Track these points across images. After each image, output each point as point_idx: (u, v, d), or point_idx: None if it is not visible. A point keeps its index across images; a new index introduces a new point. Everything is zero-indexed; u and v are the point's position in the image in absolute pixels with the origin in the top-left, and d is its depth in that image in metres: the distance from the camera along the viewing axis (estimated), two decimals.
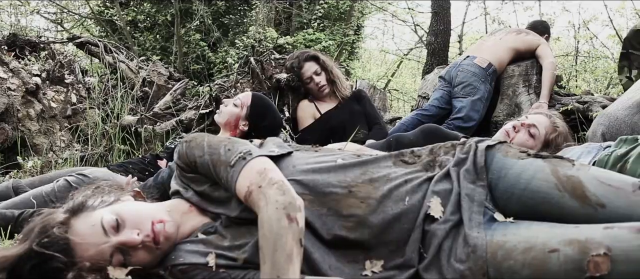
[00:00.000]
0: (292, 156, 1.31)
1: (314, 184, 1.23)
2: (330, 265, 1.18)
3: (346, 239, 1.20)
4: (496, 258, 1.10)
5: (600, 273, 1.00)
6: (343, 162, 1.29)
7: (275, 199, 1.10)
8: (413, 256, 1.17)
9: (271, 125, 2.44)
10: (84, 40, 4.03)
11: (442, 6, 4.32)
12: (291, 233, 1.05)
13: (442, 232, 1.17)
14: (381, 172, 1.27)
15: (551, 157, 1.23)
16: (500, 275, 1.09)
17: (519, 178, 1.21)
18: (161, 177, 1.70)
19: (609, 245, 1.01)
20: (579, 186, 1.15)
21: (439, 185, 1.24)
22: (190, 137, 1.32)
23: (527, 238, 1.10)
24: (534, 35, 3.66)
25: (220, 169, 1.23)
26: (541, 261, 1.05)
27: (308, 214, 1.20)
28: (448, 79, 3.56)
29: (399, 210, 1.21)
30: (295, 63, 2.99)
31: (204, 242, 1.21)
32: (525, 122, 2.07)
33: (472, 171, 1.25)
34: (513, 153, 1.26)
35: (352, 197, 1.22)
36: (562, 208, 1.16)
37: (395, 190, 1.23)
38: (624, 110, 2.18)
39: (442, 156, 1.32)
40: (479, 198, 1.21)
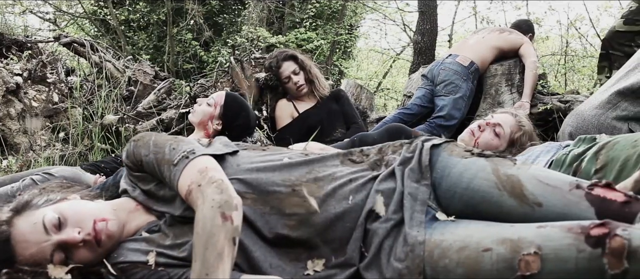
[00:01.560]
0: (238, 155, 1.32)
1: (257, 183, 1.24)
2: (271, 264, 1.19)
3: (288, 238, 1.21)
4: (433, 257, 1.10)
5: (530, 272, 1.00)
6: (289, 161, 1.30)
7: (211, 197, 1.11)
8: (354, 255, 1.18)
9: (244, 124, 2.45)
10: (70, 40, 4.03)
11: (428, 5, 4.32)
12: (224, 231, 1.06)
13: (383, 231, 1.17)
14: (327, 171, 1.28)
15: (494, 157, 1.23)
16: (436, 274, 1.09)
17: (461, 177, 1.22)
18: (120, 176, 1.71)
19: (540, 244, 1.01)
20: (518, 185, 1.16)
21: (383, 184, 1.24)
22: (138, 136, 1.33)
23: (463, 237, 1.10)
24: (517, 34, 3.65)
25: (164, 167, 1.24)
26: (474, 260, 1.06)
27: (250, 213, 1.21)
28: (430, 77, 3.56)
29: (342, 209, 1.21)
30: (274, 62, 3.00)
31: (147, 240, 1.22)
32: (490, 122, 2.07)
33: (417, 170, 1.26)
34: (458, 152, 1.27)
35: (296, 196, 1.23)
36: (501, 207, 1.16)
37: (339, 189, 1.24)
38: (591, 110, 2.18)
39: (390, 155, 1.32)
40: (422, 197, 1.22)
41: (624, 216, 1.05)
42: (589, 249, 0.97)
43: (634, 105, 2.11)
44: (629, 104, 2.11)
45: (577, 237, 0.99)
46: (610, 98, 2.15)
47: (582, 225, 1.01)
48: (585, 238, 0.98)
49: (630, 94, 2.12)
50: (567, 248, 0.99)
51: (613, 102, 2.14)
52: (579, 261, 0.98)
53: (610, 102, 2.15)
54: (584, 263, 0.97)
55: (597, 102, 2.19)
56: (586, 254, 0.97)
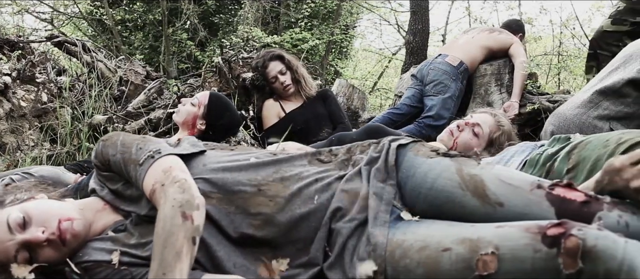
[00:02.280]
0: (205, 155, 1.32)
1: (222, 183, 1.24)
2: (235, 263, 1.19)
3: (253, 238, 1.21)
4: (394, 257, 1.10)
5: (487, 272, 1.01)
6: (256, 161, 1.30)
7: (173, 197, 1.11)
8: (318, 255, 1.18)
9: (228, 124, 2.45)
10: (61, 40, 4.04)
11: (420, 5, 4.32)
12: (183, 230, 1.06)
13: (347, 230, 1.18)
14: (293, 171, 1.28)
15: (458, 157, 1.23)
16: (397, 274, 1.09)
17: (425, 177, 1.22)
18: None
19: (498, 244, 1.02)
20: (481, 185, 1.16)
21: (348, 184, 1.24)
22: (106, 136, 1.33)
23: (424, 236, 1.10)
24: (507, 34, 3.65)
25: (130, 167, 1.24)
26: (434, 260, 1.06)
27: (215, 213, 1.21)
28: (420, 77, 3.56)
29: (307, 209, 1.21)
30: (260, 62, 3.00)
31: (113, 240, 1.23)
32: (469, 122, 2.07)
33: (383, 169, 1.26)
34: (424, 152, 1.27)
35: (261, 196, 1.23)
36: (464, 207, 1.16)
37: (305, 189, 1.24)
38: (573, 110, 2.17)
39: (357, 155, 1.32)
40: (387, 197, 1.22)
41: (583, 216, 1.05)
42: (545, 249, 0.97)
43: (616, 104, 2.11)
44: (610, 104, 2.11)
45: (534, 237, 0.99)
46: (591, 97, 2.15)
47: (539, 225, 1.01)
48: (542, 238, 0.98)
49: (611, 94, 2.12)
50: (523, 247, 0.99)
51: (594, 102, 2.13)
52: (535, 261, 0.98)
53: (591, 101, 2.14)
54: (540, 263, 0.98)
55: (579, 101, 2.19)
56: (542, 254, 0.97)
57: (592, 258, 0.93)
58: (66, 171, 2.19)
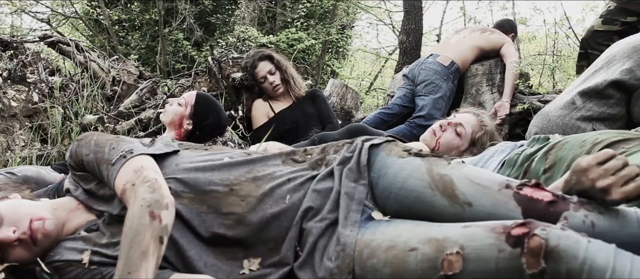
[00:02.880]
0: (178, 155, 1.32)
1: (194, 183, 1.24)
2: (206, 263, 1.19)
3: (225, 237, 1.21)
4: (362, 256, 1.10)
5: (452, 271, 1.01)
6: (230, 160, 1.30)
7: (142, 197, 1.11)
8: (288, 254, 1.18)
9: (215, 124, 2.45)
10: (55, 40, 4.05)
11: (413, 5, 4.32)
12: (151, 230, 1.06)
13: (317, 230, 1.18)
14: (266, 171, 1.28)
15: (430, 156, 1.23)
16: (364, 273, 1.09)
17: (396, 177, 1.22)
18: None
19: (463, 244, 1.02)
20: (450, 184, 1.16)
21: (320, 184, 1.25)
22: (81, 136, 1.34)
23: (391, 236, 1.10)
24: (499, 34, 3.64)
25: (103, 167, 1.25)
26: (401, 259, 1.06)
27: (186, 212, 1.21)
28: (411, 77, 3.56)
29: (279, 209, 1.22)
30: (250, 62, 3.00)
31: (84, 239, 1.23)
32: (452, 121, 2.07)
33: (355, 169, 1.26)
34: (396, 152, 1.27)
35: (233, 196, 1.23)
36: (434, 207, 1.17)
37: (277, 188, 1.24)
38: (556, 110, 2.17)
39: (331, 155, 1.33)
40: (358, 197, 1.22)
41: (549, 215, 1.05)
42: (509, 248, 0.98)
43: (599, 105, 2.11)
44: (593, 105, 2.11)
45: (498, 237, 1.00)
46: (574, 99, 2.15)
47: (504, 225, 1.01)
48: (506, 238, 0.99)
49: (594, 95, 2.12)
50: (488, 247, 1.00)
51: (578, 103, 2.14)
52: (499, 260, 0.98)
53: (574, 102, 2.14)
54: (504, 263, 0.98)
55: (562, 102, 2.19)
56: (506, 253, 0.98)
57: (554, 258, 0.94)
58: (52, 171, 2.20)
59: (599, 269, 0.92)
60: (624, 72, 2.08)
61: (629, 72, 2.07)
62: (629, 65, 2.08)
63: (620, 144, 1.39)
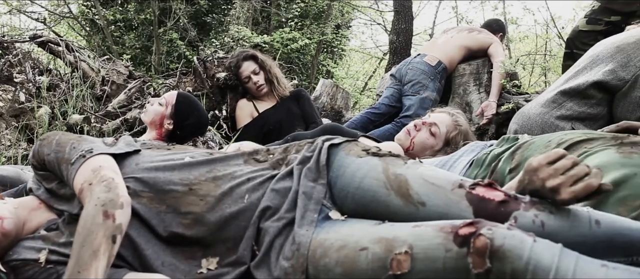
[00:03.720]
0: (140, 154, 1.33)
1: (154, 182, 1.25)
2: (163, 262, 1.20)
3: (183, 236, 1.21)
4: (315, 256, 1.11)
5: (401, 271, 1.01)
6: (191, 160, 1.31)
7: (97, 196, 1.12)
8: (245, 254, 1.18)
9: (196, 124, 2.45)
10: (45, 40, 4.06)
11: (403, 5, 4.32)
12: (103, 229, 1.06)
13: (274, 230, 1.18)
14: (227, 171, 1.29)
15: (387, 156, 1.23)
16: (317, 273, 1.10)
17: (353, 176, 1.22)
18: None
19: (412, 243, 1.02)
20: (405, 184, 1.16)
21: (279, 183, 1.25)
22: (44, 136, 1.34)
23: (344, 236, 1.11)
24: (486, 34, 3.64)
25: (63, 166, 1.25)
26: (352, 259, 1.06)
27: (145, 212, 1.22)
28: (398, 77, 3.57)
29: (237, 208, 1.22)
30: (234, 62, 3.01)
31: (43, 238, 1.23)
32: (426, 121, 2.07)
33: (314, 169, 1.26)
34: (355, 152, 1.27)
35: (192, 195, 1.24)
36: (389, 206, 1.17)
37: (236, 188, 1.25)
38: (536, 109, 2.17)
39: (292, 155, 1.33)
40: (316, 196, 1.22)
41: (499, 215, 1.05)
42: (456, 248, 0.98)
43: (579, 105, 2.10)
44: (574, 104, 2.11)
45: (446, 236, 1.00)
46: (555, 97, 2.15)
47: (453, 225, 1.01)
48: (454, 238, 0.99)
49: (575, 95, 2.11)
50: (436, 247, 1.00)
51: (558, 102, 2.13)
52: (446, 260, 0.98)
53: (555, 101, 2.14)
54: (451, 263, 0.98)
55: (543, 101, 2.19)
56: (453, 253, 0.98)
57: (499, 258, 0.94)
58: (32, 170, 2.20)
59: (543, 269, 0.92)
60: (607, 73, 2.07)
61: (611, 72, 2.06)
62: (611, 66, 2.07)
63: (583, 144, 1.38)
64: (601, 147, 1.34)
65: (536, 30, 4.19)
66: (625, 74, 2.00)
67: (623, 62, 2.01)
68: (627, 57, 2.01)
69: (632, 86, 1.99)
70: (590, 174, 1.03)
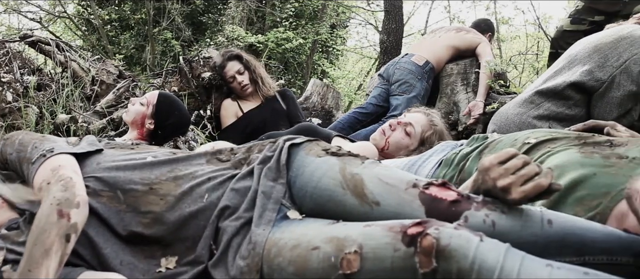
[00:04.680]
0: (102, 154, 1.33)
1: (114, 181, 1.25)
2: (122, 261, 1.20)
3: (142, 236, 1.22)
4: (270, 255, 1.11)
5: (350, 270, 1.01)
6: (153, 160, 1.31)
7: (53, 195, 1.12)
8: (203, 253, 1.19)
9: (177, 124, 2.46)
10: (35, 39, 4.07)
11: (393, 5, 4.32)
12: (57, 228, 1.07)
13: (232, 229, 1.18)
14: (188, 170, 1.29)
15: (345, 155, 1.23)
16: (271, 272, 1.10)
17: (311, 176, 1.22)
18: None
19: (362, 243, 1.02)
20: (360, 184, 1.16)
21: (239, 183, 1.25)
22: (8, 135, 1.35)
23: (298, 235, 1.11)
24: (474, 33, 3.64)
25: (24, 166, 1.26)
26: (304, 258, 1.06)
27: (104, 211, 1.22)
28: (386, 76, 3.57)
29: (197, 207, 1.22)
30: (218, 62, 3.01)
31: (3, 237, 1.24)
32: (401, 121, 2.07)
33: (275, 168, 1.27)
34: (314, 151, 1.27)
35: (153, 195, 1.24)
36: (345, 206, 1.17)
37: (196, 188, 1.25)
38: (514, 109, 2.17)
39: (254, 154, 1.33)
40: (276, 196, 1.22)
41: (451, 215, 1.06)
42: (404, 248, 0.98)
43: (557, 106, 2.10)
44: (551, 105, 2.10)
45: (395, 236, 1.00)
46: (532, 98, 2.14)
47: (402, 224, 1.01)
48: (402, 237, 0.99)
49: (553, 95, 2.11)
50: (384, 246, 1.00)
51: (536, 102, 2.13)
52: (394, 259, 0.98)
53: (533, 101, 2.14)
54: (399, 262, 0.98)
55: (520, 100, 2.18)
56: (401, 253, 0.98)
57: (445, 257, 0.94)
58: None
59: (488, 268, 0.92)
60: (584, 74, 2.06)
61: (588, 73, 2.06)
62: (589, 66, 2.07)
63: (547, 144, 1.38)
64: (564, 147, 1.34)
65: (526, 29, 4.18)
66: (602, 75, 2.00)
67: (600, 63, 2.01)
68: (604, 57, 2.01)
69: (609, 86, 1.98)
70: (540, 174, 1.03)
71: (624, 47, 1.97)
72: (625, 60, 1.95)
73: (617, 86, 1.96)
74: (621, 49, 1.97)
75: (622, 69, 1.95)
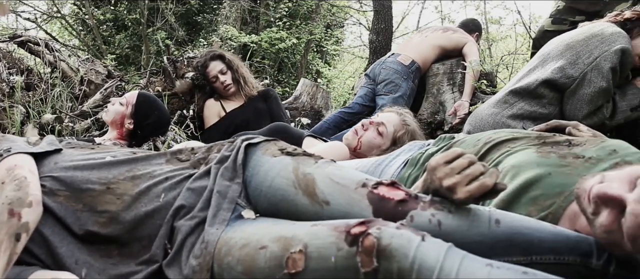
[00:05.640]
0: (61, 153, 1.34)
1: (71, 181, 1.26)
2: (77, 260, 1.21)
3: (98, 235, 1.22)
4: (220, 254, 1.11)
5: (295, 270, 1.01)
6: (112, 159, 1.32)
7: (6, 195, 1.13)
8: (158, 252, 1.19)
9: (156, 123, 2.47)
10: (24, 39, 4.09)
11: (383, 5, 4.32)
12: (7, 227, 1.08)
13: (186, 228, 1.19)
14: (147, 170, 1.30)
15: (300, 155, 1.24)
16: (221, 270, 1.10)
17: (266, 176, 1.23)
18: None
19: (307, 242, 1.02)
20: (312, 183, 1.16)
21: (196, 182, 1.26)
22: None
23: (248, 234, 1.11)
24: (461, 33, 3.64)
25: None
26: (251, 257, 1.07)
27: (60, 210, 1.23)
28: (372, 76, 3.57)
29: (153, 207, 1.23)
30: (201, 62, 3.02)
31: None
32: (374, 120, 2.08)
33: (231, 168, 1.27)
34: (271, 151, 1.28)
35: (110, 194, 1.25)
36: (297, 206, 1.17)
37: (153, 187, 1.25)
38: (488, 109, 2.17)
39: (213, 154, 1.34)
40: (231, 195, 1.23)
41: (397, 215, 1.06)
42: (347, 247, 0.98)
43: (531, 105, 2.10)
44: (525, 104, 2.10)
45: (339, 235, 1.00)
46: (506, 97, 2.15)
47: (347, 224, 1.02)
48: (345, 237, 0.99)
49: (526, 94, 2.11)
50: (328, 246, 1.00)
51: (509, 102, 2.13)
52: (337, 259, 0.99)
53: (506, 101, 2.14)
54: (341, 262, 0.98)
55: (495, 101, 2.19)
56: (344, 252, 0.98)
57: (386, 257, 0.94)
58: None
59: (427, 268, 0.92)
60: (556, 71, 2.07)
61: (560, 70, 2.06)
62: (560, 63, 2.07)
63: (507, 143, 1.38)
64: (522, 147, 1.34)
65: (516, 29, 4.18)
66: (574, 72, 2.00)
67: (572, 60, 2.01)
68: (576, 55, 2.01)
69: (580, 83, 1.98)
70: (485, 174, 1.03)
71: (595, 44, 1.97)
72: (596, 57, 1.95)
73: (588, 83, 1.96)
74: (592, 46, 1.97)
75: (593, 66, 1.95)
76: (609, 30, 1.98)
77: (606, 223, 1.00)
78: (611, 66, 1.95)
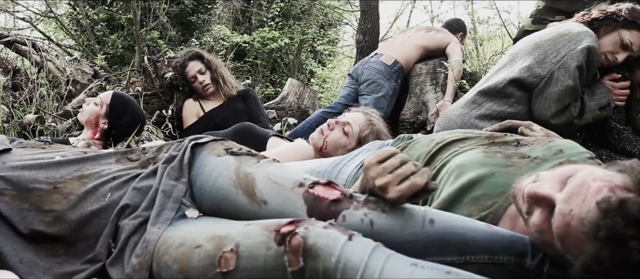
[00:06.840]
0: (10, 153, 1.34)
1: (18, 180, 1.26)
2: (22, 259, 1.21)
3: (44, 234, 1.23)
4: (159, 253, 1.12)
5: (227, 269, 1.02)
6: (61, 159, 1.32)
7: None
8: (102, 251, 1.20)
9: (130, 123, 2.48)
10: (11, 39, 4.11)
11: (369, 5, 4.33)
12: None
13: (130, 227, 1.19)
14: (95, 169, 1.30)
15: (244, 154, 1.24)
16: (159, 269, 1.11)
17: (209, 175, 1.23)
18: None
19: (239, 241, 1.03)
20: (251, 183, 1.17)
21: (142, 182, 1.26)
22: None
23: (185, 233, 1.12)
24: (444, 33, 3.64)
25: None
26: (187, 256, 1.07)
27: (6, 209, 1.23)
28: (355, 76, 3.58)
29: (98, 206, 1.23)
30: (180, 62, 3.03)
31: None
32: (340, 120, 2.08)
33: (177, 168, 1.28)
34: (216, 151, 1.28)
35: (56, 193, 1.25)
36: (237, 205, 1.18)
37: (100, 187, 1.26)
38: (457, 109, 2.17)
39: (162, 154, 1.34)
40: (176, 195, 1.23)
41: (331, 214, 1.06)
42: (275, 246, 0.99)
43: (499, 104, 2.10)
44: (493, 104, 2.10)
45: (269, 235, 1.01)
46: (474, 98, 2.14)
47: (278, 223, 1.02)
48: (275, 236, 1.00)
49: (494, 94, 2.11)
50: (259, 245, 1.01)
51: (477, 102, 2.13)
52: (266, 258, 0.99)
53: (475, 102, 2.13)
54: (270, 261, 0.99)
55: (464, 101, 2.18)
56: (272, 252, 0.99)
57: (312, 256, 0.94)
58: None
59: (352, 268, 0.92)
60: (523, 70, 2.07)
61: (528, 69, 2.06)
62: (528, 62, 2.07)
63: (456, 143, 1.38)
64: (471, 147, 1.34)
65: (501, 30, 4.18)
66: (541, 71, 2.00)
67: (539, 59, 2.01)
68: (543, 53, 2.01)
69: (548, 82, 1.98)
70: (416, 173, 1.03)
71: (562, 43, 1.97)
72: (563, 55, 1.95)
73: (555, 82, 1.96)
74: (560, 45, 1.97)
75: (560, 65, 1.95)
76: (576, 30, 1.98)
77: (538, 223, 1.00)
78: (578, 64, 1.94)
